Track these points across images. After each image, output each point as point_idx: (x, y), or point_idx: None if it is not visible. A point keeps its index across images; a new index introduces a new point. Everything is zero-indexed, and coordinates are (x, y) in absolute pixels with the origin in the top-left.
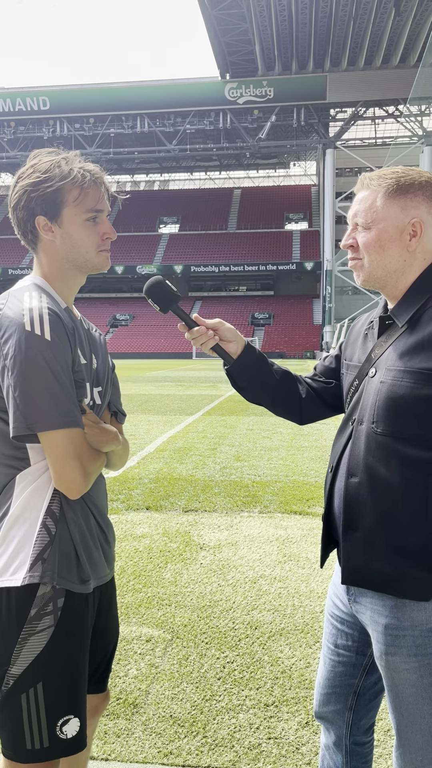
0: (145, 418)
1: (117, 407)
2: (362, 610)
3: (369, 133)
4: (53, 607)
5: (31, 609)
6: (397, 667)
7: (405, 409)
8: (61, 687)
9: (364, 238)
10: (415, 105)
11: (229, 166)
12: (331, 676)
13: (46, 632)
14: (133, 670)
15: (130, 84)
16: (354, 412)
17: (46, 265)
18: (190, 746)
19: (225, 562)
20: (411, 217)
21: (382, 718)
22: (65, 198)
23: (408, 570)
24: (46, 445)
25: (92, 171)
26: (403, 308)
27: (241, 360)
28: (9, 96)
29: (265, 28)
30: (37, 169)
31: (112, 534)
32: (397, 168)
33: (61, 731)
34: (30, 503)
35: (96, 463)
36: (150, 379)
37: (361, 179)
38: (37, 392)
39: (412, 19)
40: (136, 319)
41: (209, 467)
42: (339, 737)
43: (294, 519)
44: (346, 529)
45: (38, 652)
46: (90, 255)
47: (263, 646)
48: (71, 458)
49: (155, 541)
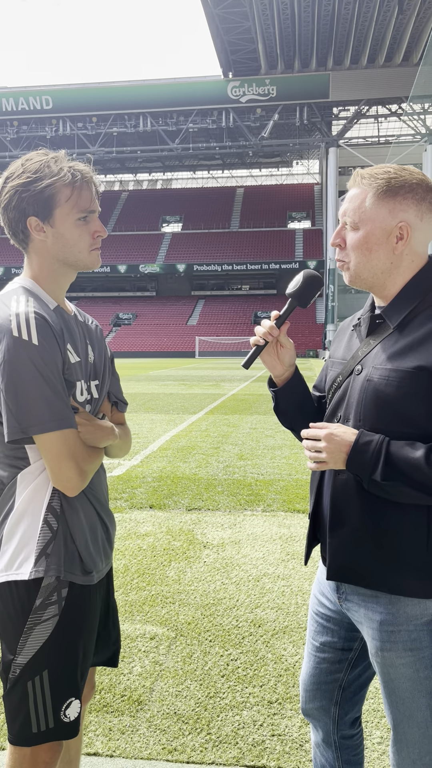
0: (148, 416)
1: (117, 397)
2: (354, 608)
3: (372, 132)
4: (57, 597)
5: (36, 599)
6: (393, 662)
7: (392, 407)
8: (64, 672)
9: (352, 238)
10: (417, 103)
11: (232, 165)
12: (316, 673)
13: (50, 621)
14: (138, 668)
15: (132, 83)
16: (338, 409)
17: (37, 265)
18: (194, 743)
19: (228, 560)
20: (399, 220)
21: (384, 716)
22: (57, 198)
23: (394, 565)
24: (41, 447)
25: (83, 171)
26: (396, 309)
27: (290, 386)
28: (12, 95)
29: (268, 26)
30: (27, 170)
31: (112, 523)
32: (390, 167)
33: (65, 714)
34: (31, 501)
35: (92, 460)
36: (153, 377)
37: (354, 175)
38: (28, 396)
39: (415, 17)
40: (139, 318)
41: (212, 466)
42: (327, 733)
43: (297, 517)
44: (333, 526)
45: (43, 641)
46: (82, 254)
47: (266, 644)
48: (66, 458)
49: (159, 540)
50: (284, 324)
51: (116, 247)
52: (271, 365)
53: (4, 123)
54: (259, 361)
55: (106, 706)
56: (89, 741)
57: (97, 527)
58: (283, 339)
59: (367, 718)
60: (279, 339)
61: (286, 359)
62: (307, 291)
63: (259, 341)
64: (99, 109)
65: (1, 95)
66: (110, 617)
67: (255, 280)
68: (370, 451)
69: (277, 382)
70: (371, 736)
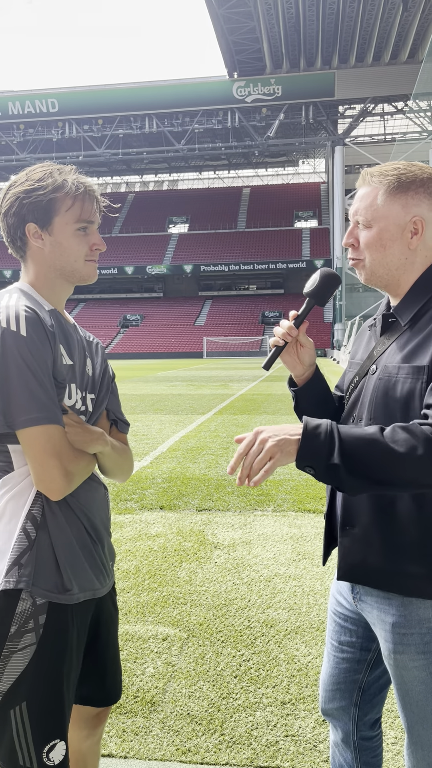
0: (157, 417)
1: (117, 416)
2: (368, 609)
3: (378, 130)
4: (34, 624)
5: (11, 626)
6: (405, 665)
7: (401, 405)
8: (45, 709)
9: (366, 236)
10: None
11: (238, 165)
12: (336, 673)
13: (28, 650)
14: (150, 669)
15: (138, 84)
16: (354, 410)
17: (33, 273)
18: (207, 744)
19: (239, 560)
20: (412, 215)
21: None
22: (57, 206)
23: (405, 567)
24: (24, 443)
25: (86, 183)
26: (406, 306)
27: (310, 386)
28: (18, 99)
29: (273, 26)
30: (31, 178)
31: (107, 547)
32: (399, 163)
33: (48, 757)
34: (11, 507)
35: (78, 463)
36: (161, 378)
37: (363, 174)
38: (13, 389)
39: (420, 14)
40: (147, 320)
41: (222, 466)
42: (346, 734)
43: (308, 517)
44: (344, 526)
45: (21, 671)
46: (78, 264)
47: (279, 644)
48: (50, 456)
49: (169, 541)
50: (303, 323)
51: (123, 249)
52: (291, 365)
53: (11, 126)
54: (279, 361)
55: (120, 708)
56: (103, 742)
57: (82, 543)
58: (302, 338)
59: (382, 718)
60: (298, 339)
61: (306, 359)
62: (325, 289)
63: (278, 342)
64: (105, 111)
65: (7, 99)
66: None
67: (262, 280)
68: (322, 433)
69: (298, 382)
70: (386, 736)
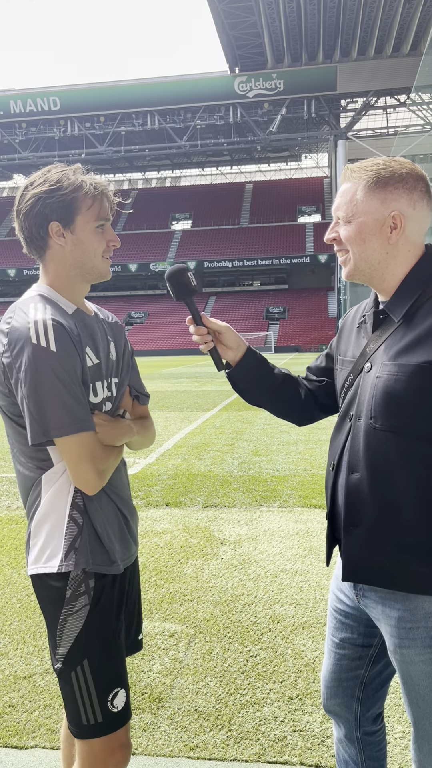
0: (162, 414)
1: (138, 390)
2: (372, 605)
3: (381, 123)
4: (86, 588)
5: (66, 591)
6: (411, 659)
7: (403, 403)
8: (105, 662)
9: (346, 231)
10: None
11: (241, 161)
12: (337, 669)
13: (82, 611)
14: (158, 665)
15: (139, 81)
16: (351, 408)
17: (53, 272)
18: (215, 740)
19: (246, 556)
20: (391, 210)
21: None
22: (79, 206)
23: (410, 565)
24: (61, 449)
25: (101, 183)
26: (398, 302)
27: (241, 365)
28: (20, 97)
29: (274, 20)
30: (49, 179)
31: (134, 518)
32: (380, 159)
33: (112, 704)
34: (56, 499)
35: (109, 459)
36: (166, 375)
37: (344, 171)
38: (48, 402)
39: (422, 6)
40: (151, 317)
41: (227, 462)
42: (349, 729)
43: (314, 513)
44: (347, 526)
45: (78, 631)
46: (96, 260)
47: (286, 640)
48: (84, 460)
49: (176, 537)
50: (202, 317)
51: (127, 246)
52: (223, 354)
53: (13, 125)
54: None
55: None
56: None
57: (118, 521)
58: (214, 327)
59: (389, 712)
60: (211, 329)
61: (229, 342)
62: (179, 286)
63: (205, 347)
64: (106, 109)
65: (9, 97)
66: (136, 605)
67: (266, 276)
68: None
69: (233, 365)
70: (393, 730)
